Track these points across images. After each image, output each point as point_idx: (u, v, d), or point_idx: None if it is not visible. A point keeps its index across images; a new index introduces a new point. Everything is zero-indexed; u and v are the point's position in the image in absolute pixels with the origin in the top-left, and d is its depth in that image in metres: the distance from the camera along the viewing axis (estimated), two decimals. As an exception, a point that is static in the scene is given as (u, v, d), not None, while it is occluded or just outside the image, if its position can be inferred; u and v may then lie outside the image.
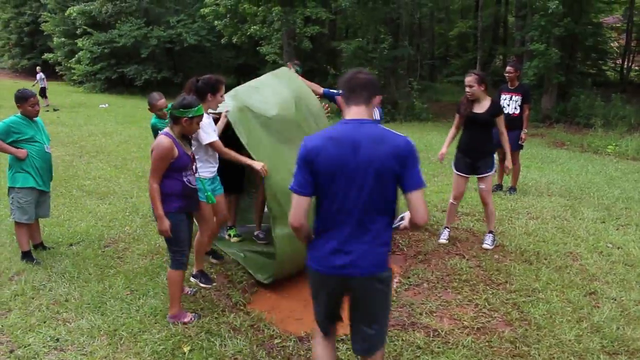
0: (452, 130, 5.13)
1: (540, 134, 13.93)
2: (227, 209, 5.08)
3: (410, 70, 22.05)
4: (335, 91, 5.18)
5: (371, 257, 2.25)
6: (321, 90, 5.13)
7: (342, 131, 2.23)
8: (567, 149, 11.96)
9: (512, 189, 7.11)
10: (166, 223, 3.35)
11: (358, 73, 2.32)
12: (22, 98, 4.51)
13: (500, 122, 4.83)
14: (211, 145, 3.93)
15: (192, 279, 4.22)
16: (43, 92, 18.69)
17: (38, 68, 20.80)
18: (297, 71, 5.04)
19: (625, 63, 20.53)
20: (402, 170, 2.18)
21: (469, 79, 4.76)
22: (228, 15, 20.49)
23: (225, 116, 4.16)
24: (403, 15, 18.31)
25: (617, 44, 20.97)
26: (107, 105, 19.68)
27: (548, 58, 14.06)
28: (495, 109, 4.81)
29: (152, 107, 5.01)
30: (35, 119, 4.63)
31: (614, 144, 11.74)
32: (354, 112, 2.27)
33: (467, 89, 4.78)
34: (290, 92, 4.56)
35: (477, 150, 4.88)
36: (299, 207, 2.25)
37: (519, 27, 18.06)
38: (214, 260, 4.60)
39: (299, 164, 2.25)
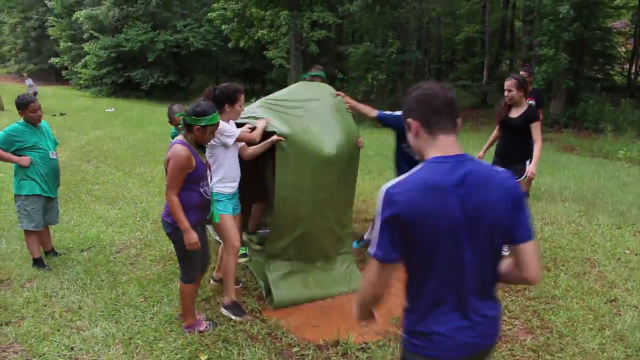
0: (493, 134, 5.09)
1: (549, 139, 13.82)
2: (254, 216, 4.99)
3: (417, 75, 21.99)
4: (389, 113, 4.48)
5: (496, 321, 1.79)
6: (374, 113, 4.42)
7: (439, 175, 1.63)
8: (577, 154, 11.89)
9: (525, 194, 7.04)
10: (194, 236, 3.16)
11: (441, 89, 1.69)
12: (22, 104, 4.40)
13: (535, 129, 4.59)
14: (240, 140, 3.58)
15: (222, 311, 3.71)
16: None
17: (25, 74, 20.89)
18: (319, 75, 4.80)
19: (633, 68, 20.43)
20: (515, 217, 1.67)
21: (508, 83, 4.66)
22: (235, 20, 20.59)
23: (266, 134, 3.74)
24: (411, 19, 18.32)
25: (624, 48, 20.87)
26: (113, 109, 19.75)
27: (557, 63, 14.00)
28: (530, 115, 4.61)
29: (172, 120, 4.79)
30: (39, 124, 4.53)
31: (624, 149, 11.66)
32: (445, 144, 1.67)
33: (506, 93, 4.68)
34: (341, 127, 4.09)
35: (509, 155, 4.78)
36: (383, 278, 1.68)
37: (527, 31, 18.01)
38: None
39: (384, 224, 1.63)
